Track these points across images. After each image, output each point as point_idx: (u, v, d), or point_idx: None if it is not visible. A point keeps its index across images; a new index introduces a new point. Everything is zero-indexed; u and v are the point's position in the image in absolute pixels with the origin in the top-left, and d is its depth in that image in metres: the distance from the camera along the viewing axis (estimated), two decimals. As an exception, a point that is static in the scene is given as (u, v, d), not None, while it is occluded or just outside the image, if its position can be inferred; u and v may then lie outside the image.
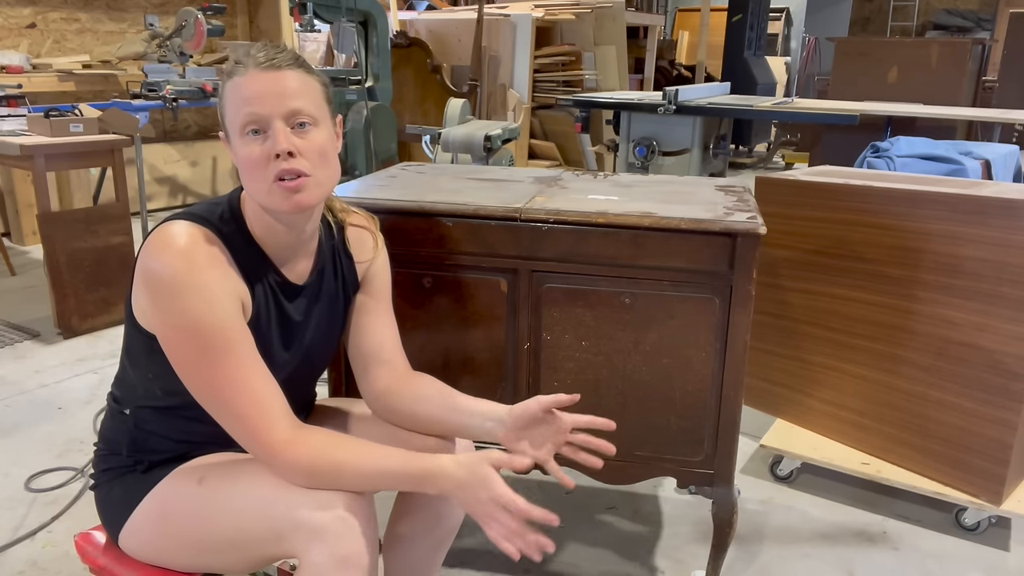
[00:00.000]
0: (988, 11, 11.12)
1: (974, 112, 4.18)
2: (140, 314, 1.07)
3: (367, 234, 1.29)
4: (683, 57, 9.34)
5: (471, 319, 1.51)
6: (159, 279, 1.00)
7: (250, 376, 1.03)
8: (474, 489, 1.02)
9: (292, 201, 1.04)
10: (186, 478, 1.12)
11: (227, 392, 1.02)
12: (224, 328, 1.02)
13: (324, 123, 1.09)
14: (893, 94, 5.87)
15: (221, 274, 1.04)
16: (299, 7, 3.19)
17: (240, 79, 1.04)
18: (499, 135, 2.98)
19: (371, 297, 1.27)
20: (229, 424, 1.04)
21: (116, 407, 1.19)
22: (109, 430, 1.20)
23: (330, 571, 0.98)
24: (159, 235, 1.03)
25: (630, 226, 1.39)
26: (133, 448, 1.16)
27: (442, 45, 5.97)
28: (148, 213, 4.58)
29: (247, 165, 1.04)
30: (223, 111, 1.07)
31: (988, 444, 1.81)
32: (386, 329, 1.28)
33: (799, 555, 1.83)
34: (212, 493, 1.08)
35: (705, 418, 1.48)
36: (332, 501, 1.02)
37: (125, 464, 1.17)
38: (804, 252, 2.06)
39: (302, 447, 1.03)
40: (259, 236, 1.12)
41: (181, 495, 1.11)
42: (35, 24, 4.94)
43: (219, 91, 1.09)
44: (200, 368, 1.02)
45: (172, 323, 1.01)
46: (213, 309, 1.01)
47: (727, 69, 6.53)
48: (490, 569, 1.75)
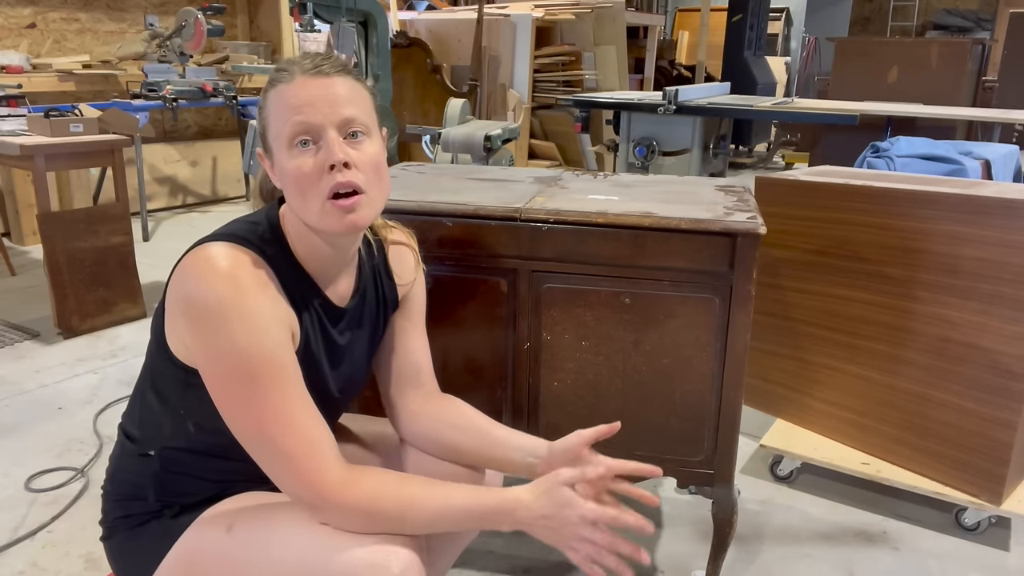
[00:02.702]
0: (988, 11, 11.12)
1: (974, 112, 4.18)
2: (178, 346, 0.99)
3: (408, 252, 1.23)
4: (683, 57, 9.34)
5: (471, 319, 1.51)
6: (204, 306, 0.91)
7: (300, 412, 0.95)
8: (560, 515, 0.98)
9: (346, 221, 0.97)
10: (214, 525, 1.03)
11: (275, 429, 0.93)
12: (274, 359, 0.93)
13: (376, 134, 1.02)
14: (893, 94, 5.87)
15: (270, 300, 0.96)
16: (299, 7, 3.19)
17: (286, 87, 0.97)
18: (499, 135, 2.98)
19: (409, 318, 1.22)
20: (274, 465, 0.94)
21: (134, 447, 1.08)
22: (127, 472, 1.08)
23: None
24: (198, 259, 0.94)
25: (630, 226, 1.39)
26: (162, 492, 1.06)
27: (442, 45, 5.97)
28: (148, 213, 4.58)
29: (297, 180, 0.96)
30: (265, 123, 1.00)
31: (988, 444, 1.81)
32: (422, 351, 1.23)
33: (799, 555, 1.83)
34: (243, 542, 1.00)
35: (705, 418, 1.48)
36: (385, 557, 0.92)
37: (152, 510, 1.07)
38: (804, 252, 2.06)
39: (359, 488, 0.94)
40: (303, 257, 1.04)
41: (209, 544, 1.02)
42: (35, 24, 4.94)
43: (261, 103, 1.02)
44: (247, 403, 0.93)
45: (218, 353, 0.92)
46: (263, 338, 0.93)
47: (727, 69, 6.53)
48: (490, 569, 1.75)
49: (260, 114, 1.02)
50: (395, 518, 0.95)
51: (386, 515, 0.95)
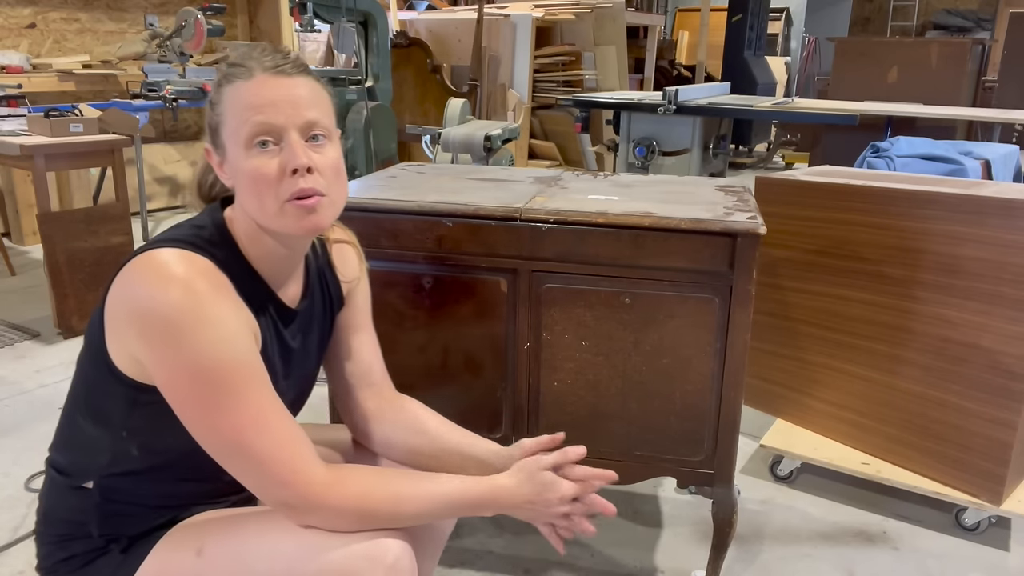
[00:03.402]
0: (988, 11, 11.12)
1: (974, 112, 4.18)
2: (127, 362, 0.93)
3: (350, 249, 1.21)
4: (683, 57, 9.34)
5: (471, 319, 1.51)
6: (163, 317, 0.86)
7: (275, 416, 0.92)
8: (543, 498, 1.02)
9: (307, 222, 0.95)
10: (178, 551, 0.98)
11: (253, 437, 0.90)
12: (245, 365, 0.90)
13: (335, 137, 1.00)
14: (893, 94, 5.87)
15: (231, 305, 0.92)
16: (299, 7, 3.19)
17: (245, 84, 0.93)
18: (499, 135, 2.98)
19: (356, 315, 1.20)
20: (255, 473, 0.91)
21: (67, 480, 1.00)
22: (63, 509, 1.00)
23: None
24: (147, 266, 0.89)
25: (630, 226, 1.39)
26: (106, 525, 1.00)
27: (442, 45, 5.97)
28: (148, 213, 4.58)
29: (254, 181, 0.93)
30: (219, 119, 0.96)
31: (988, 444, 1.81)
32: (372, 349, 1.21)
33: (799, 555, 1.83)
34: (218, 564, 0.95)
35: (705, 418, 1.48)
36: (378, 549, 0.92)
37: (97, 546, 0.99)
38: (804, 252, 2.06)
39: (348, 487, 0.93)
40: (254, 259, 1.00)
41: (178, 573, 0.97)
42: (35, 24, 4.94)
43: (213, 98, 0.97)
44: (220, 413, 0.89)
45: (185, 366, 0.87)
46: (232, 345, 0.89)
47: (727, 69, 6.53)
48: (490, 569, 1.75)
49: (212, 109, 0.97)
50: (387, 514, 0.95)
51: (379, 511, 0.95)
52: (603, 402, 1.50)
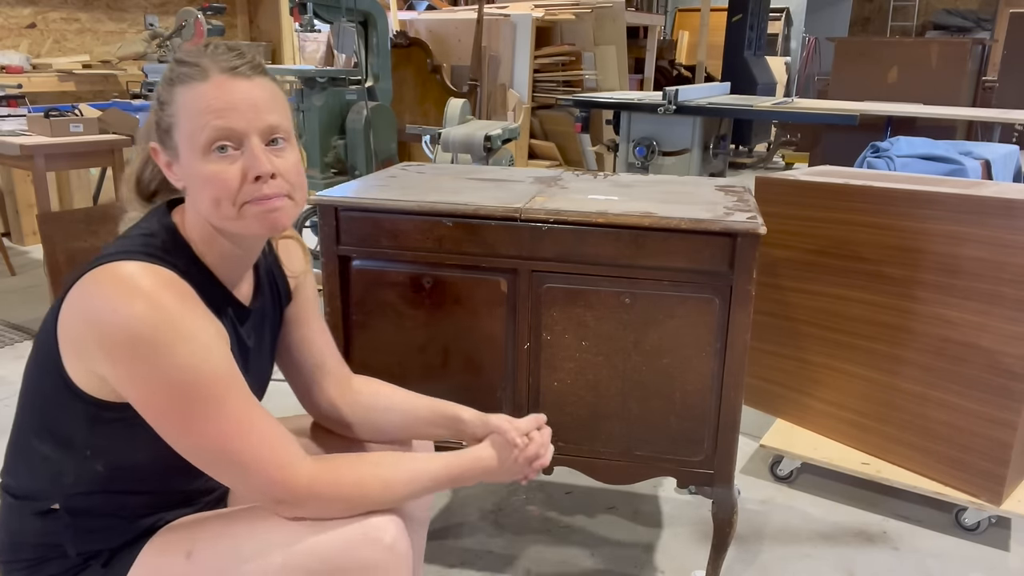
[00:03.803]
0: (988, 11, 11.12)
1: (974, 112, 4.18)
2: (89, 381, 0.90)
3: (294, 243, 1.21)
4: (683, 57, 9.34)
5: (471, 319, 1.51)
6: (133, 335, 0.84)
7: (257, 417, 0.92)
8: (510, 462, 1.12)
9: (269, 222, 0.94)
10: (168, 555, 0.97)
11: (239, 441, 0.90)
12: (225, 373, 0.90)
13: (294, 138, 0.99)
14: (893, 94, 5.87)
15: (202, 314, 0.90)
16: (299, 7, 3.19)
17: (202, 85, 0.91)
18: (499, 135, 2.98)
19: (304, 309, 1.20)
20: (244, 476, 0.91)
21: (29, 504, 0.96)
22: (29, 534, 0.97)
23: None
24: (108, 282, 0.86)
25: (630, 226, 1.39)
26: (83, 543, 0.97)
27: (442, 45, 5.97)
28: (148, 213, 4.58)
29: (213, 186, 0.91)
30: (171, 120, 0.93)
31: (988, 444, 1.81)
32: (324, 338, 1.22)
33: (799, 555, 1.83)
34: (211, 564, 0.95)
35: (705, 418, 1.48)
36: (380, 530, 0.95)
37: (74, 564, 0.97)
38: (804, 252, 2.06)
39: (337, 476, 0.95)
40: (210, 262, 0.99)
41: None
42: (35, 24, 4.94)
43: (162, 96, 0.94)
44: (204, 423, 0.88)
45: (161, 382, 0.86)
46: (208, 356, 0.88)
47: (727, 69, 6.52)
48: (490, 569, 1.75)
49: (162, 109, 0.94)
50: (378, 498, 0.97)
51: (369, 496, 0.97)
52: (603, 402, 1.50)
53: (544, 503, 2.01)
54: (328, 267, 1.53)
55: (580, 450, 1.55)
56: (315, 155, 3.35)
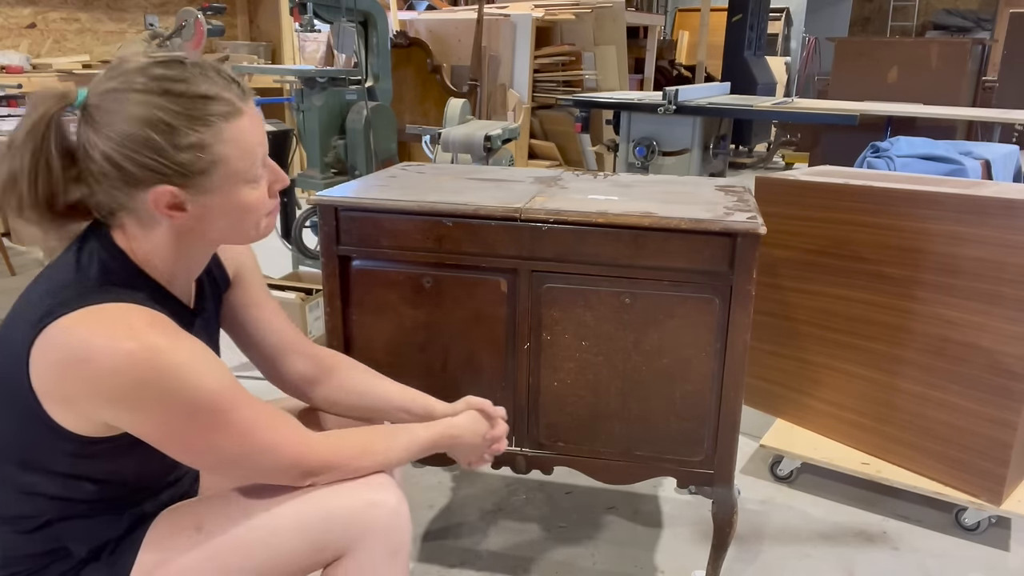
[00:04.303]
0: (988, 11, 11.12)
1: (974, 112, 4.18)
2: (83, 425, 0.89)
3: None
4: (683, 57, 9.34)
5: (471, 319, 1.51)
6: (136, 379, 0.84)
7: (261, 411, 0.95)
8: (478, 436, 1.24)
9: (270, 226, 1.00)
10: (177, 531, 1.00)
11: (254, 441, 0.94)
12: (226, 384, 0.92)
13: None
14: (893, 94, 5.87)
15: (185, 337, 0.91)
16: (299, 7, 3.19)
17: (241, 121, 0.91)
18: (499, 135, 2.97)
19: (252, 291, 1.20)
20: (262, 467, 0.96)
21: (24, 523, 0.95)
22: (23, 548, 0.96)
23: (383, 563, 1.00)
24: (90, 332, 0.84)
25: (630, 226, 1.39)
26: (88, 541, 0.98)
27: (442, 45, 5.97)
28: (148, 213, 4.58)
29: (256, 211, 0.96)
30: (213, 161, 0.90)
31: (988, 444, 1.81)
32: (280, 316, 1.23)
33: (799, 555, 1.83)
34: (225, 532, 0.98)
35: (705, 418, 1.48)
36: (382, 493, 1.02)
37: (80, 559, 0.98)
38: (804, 252, 2.06)
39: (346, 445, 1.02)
40: (167, 282, 0.99)
41: (182, 552, 0.98)
42: (35, 24, 4.94)
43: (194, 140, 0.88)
44: (221, 438, 0.91)
45: (174, 414, 0.87)
46: (208, 373, 0.89)
47: (727, 69, 6.53)
48: (490, 569, 1.75)
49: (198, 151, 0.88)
50: (381, 463, 1.06)
51: (376, 461, 1.05)
52: (603, 402, 1.50)
53: (544, 503, 2.01)
54: (328, 267, 1.53)
55: (580, 450, 1.55)
56: (315, 155, 3.35)
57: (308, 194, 3.83)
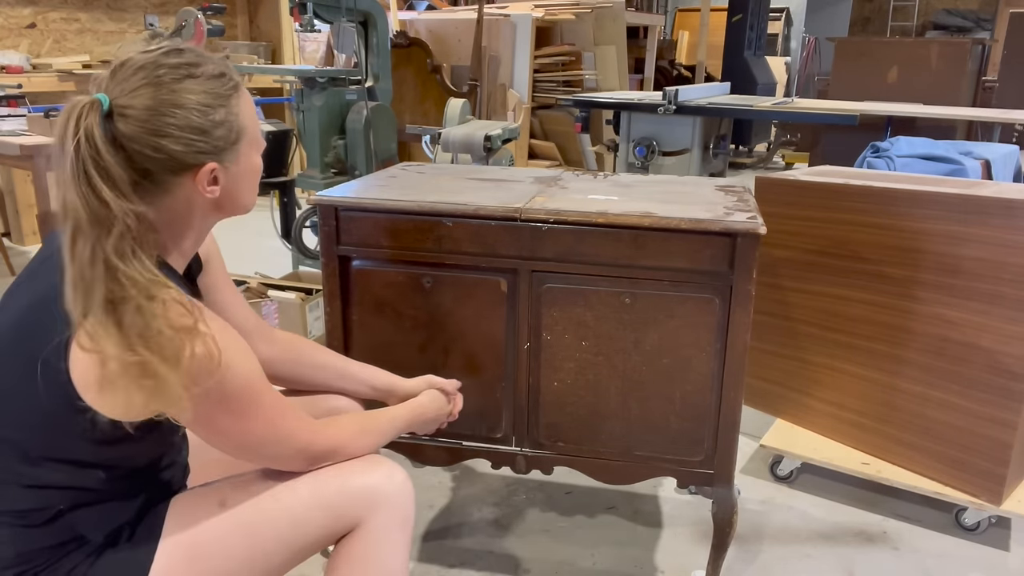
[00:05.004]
0: (988, 11, 11.12)
1: (974, 112, 4.18)
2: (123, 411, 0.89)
3: None
4: (683, 57, 9.34)
5: (471, 319, 1.51)
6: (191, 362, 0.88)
7: (280, 396, 1.02)
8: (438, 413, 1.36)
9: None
10: (200, 508, 1.03)
11: (278, 425, 1.00)
12: (258, 373, 0.98)
13: None
14: (893, 94, 5.86)
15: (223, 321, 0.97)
16: (299, 7, 3.19)
17: (244, 93, 1.01)
18: (499, 135, 2.97)
19: (218, 275, 1.23)
20: (281, 451, 1.02)
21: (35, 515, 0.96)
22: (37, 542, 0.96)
23: (394, 531, 1.07)
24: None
25: (630, 226, 1.39)
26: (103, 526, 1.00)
27: (442, 45, 5.97)
28: (148, 213, 4.57)
29: (256, 172, 1.06)
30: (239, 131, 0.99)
31: (988, 444, 1.81)
32: (240, 300, 1.28)
33: (799, 555, 1.83)
34: (247, 505, 1.03)
35: (705, 418, 1.48)
36: (392, 471, 1.10)
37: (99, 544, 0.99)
38: (804, 252, 2.06)
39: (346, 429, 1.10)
40: (179, 266, 1.04)
41: (208, 528, 1.01)
42: (35, 24, 4.94)
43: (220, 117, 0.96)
44: (252, 421, 0.97)
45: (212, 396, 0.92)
46: (243, 358, 0.96)
47: (727, 69, 6.53)
48: (490, 569, 1.75)
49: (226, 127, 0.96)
50: (374, 444, 1.16)
51: (370, 441, 1.15)
52: (603, 402, 1.50)
53: (544, 503, 2.01)
54: (328, 267, 1.53)
55: (580, 450, 1.55)
56: (315, 155, 3.35)
57: (308, 194, 3.83)
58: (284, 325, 2.89)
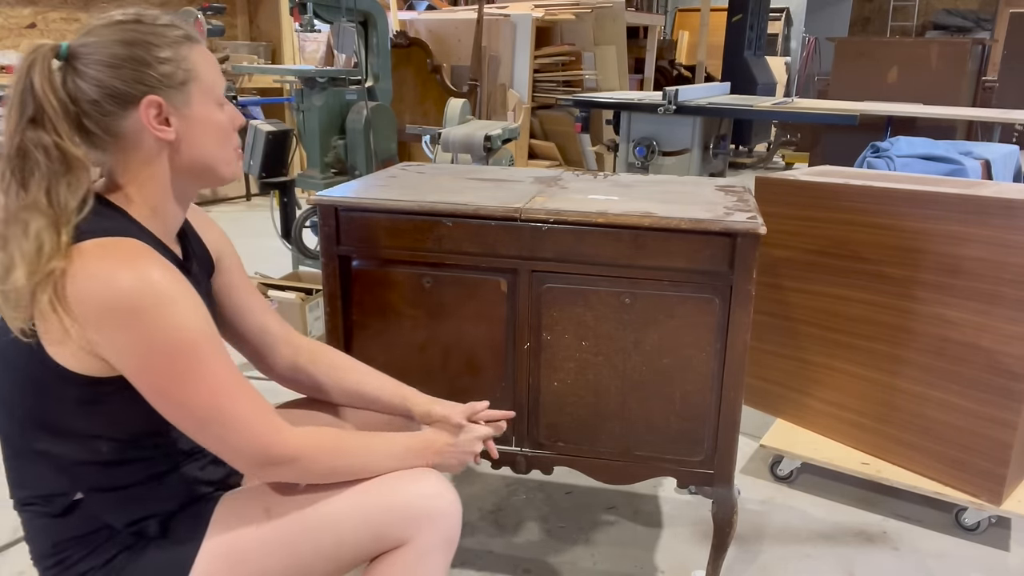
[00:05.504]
0: (988, 11, 11.12)
1: (974, 112, 4.18)
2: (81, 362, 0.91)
3: (201, 213, 1.23)
4: (683, 57, 9.34)
5: (471, 319, 1.51)
6: (126, 305, 0.87)
7: (241, 379, 0.96)
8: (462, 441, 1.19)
9: (239, 169, 1.09)
10: (246, 513, 1.03)
11: (227, 401, 0.94)
12: (209, 333, 0.94)
13: None
14: (893, 94, 5.86)
15: (179, 278, 0.94)
16: (299, 7, 3.19)
17: (201, 48, 1.02)
18: (499, 135, 2.98)
19: (235, 276, 1.21)
20: (228, 436, 0.94)
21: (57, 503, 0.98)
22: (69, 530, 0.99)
23: (437, 553, 1.05)
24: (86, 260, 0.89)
25: (630, 226, 1.39)
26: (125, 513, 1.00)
27: (442, 45, 5.97)
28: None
29: (225, 131, 1.05)
30: (189, 74, 0.99)
31: (988, 444, 1.81)
32: (263, 303, 1.25)
33: (799, 555, 1.83)
34: (293, 514, 1.02)
35: (705, 418, 1.48)
36: (441, 489, 1.06)
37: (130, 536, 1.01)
38: (804, 252, 2.06)
39: (320, 441, 1.01)
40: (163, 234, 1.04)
41: (256, 534, 1.01)
42: (35, 24, 4.94)
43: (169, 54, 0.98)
44: (194, 384, 0.92)
45: (154, 345, 0.89)
46: (195, 316, 0.92)
47: (727, 69, 6.53)
48: (490, 569, 1.75)
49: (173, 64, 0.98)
50: (354, 465, 1.04)
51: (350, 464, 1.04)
52: (603, 402, 1.50)
53: (544, 503, 2.01)
54: (328, 267, 1.54)
55: (580, 450, 1.55)
56: (315, 155, 3.35)
57: (308, 194, 3.83)
58: (284, 325, 2.89)
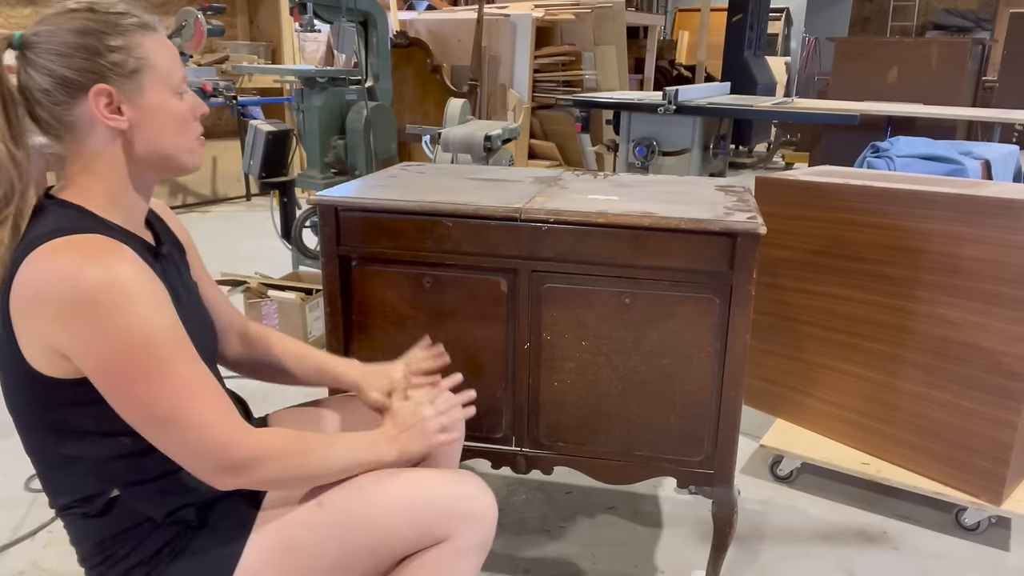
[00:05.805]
0: (988, 11, 11.12)
1: (974, 112, 4.18)
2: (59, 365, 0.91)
3: (163, 206, 1.22)
4: (683, 57, 9.34)
5: (471, 319, 1.51)
6: (87, 299, 0.86)
7: (206, 380, 0.94)
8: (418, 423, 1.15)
9: (201, 157, 1.08)
10: (298, 507, 1.05)
11: (188, 403, 0.91)
12: (174, 332, 0.92)
13: None
14: (893, 94, 5.86)
15: (147, 274, 0.92)
16: (299, 7, 3.19)
17: (158, 36, 1.01)
18: (499, 135, 2.98)
19: (197, 269, 1.21)
20: (187, 439, 0.92)
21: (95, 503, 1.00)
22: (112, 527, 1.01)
23: (473, 554, 1.06)
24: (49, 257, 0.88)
25: (630, 226, 1.39)
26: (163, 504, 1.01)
27: (442, 45, 5.97)
28: (148, 213, 4.57)
29: (183, 120, 1.02)
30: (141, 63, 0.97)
31: (988, 444, 1.81)
32: (220, 295, 1.26)
33: (799, 555, 1.83)
34: (344, 507, 1.05)
35: (705, 418, 1.48)
36: (480, 491, 1.08)
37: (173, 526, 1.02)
38: (804, 252, 2.06)
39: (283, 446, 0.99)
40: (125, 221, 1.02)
41: (306, 523, 1.04)
42: (35, 24, 4.94)
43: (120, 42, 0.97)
44: (155, 384, 0.90)
45: (114, 342, 0.88)
46: (159, 313, 0.91)
47: (727, 69, 6.53)
48: (490, 569, 1.75)
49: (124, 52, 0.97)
50: (318, 474, 1.04)
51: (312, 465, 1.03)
52: (603, 402, 1.50)
53: (544, 503, 2.01)
54: (328, 267, 1.54)
55: (580, 450, 1.55)
56: (315, 155, 3.35)
57: (308, 194, 3.83)
58: (284, 325, 2.89)
